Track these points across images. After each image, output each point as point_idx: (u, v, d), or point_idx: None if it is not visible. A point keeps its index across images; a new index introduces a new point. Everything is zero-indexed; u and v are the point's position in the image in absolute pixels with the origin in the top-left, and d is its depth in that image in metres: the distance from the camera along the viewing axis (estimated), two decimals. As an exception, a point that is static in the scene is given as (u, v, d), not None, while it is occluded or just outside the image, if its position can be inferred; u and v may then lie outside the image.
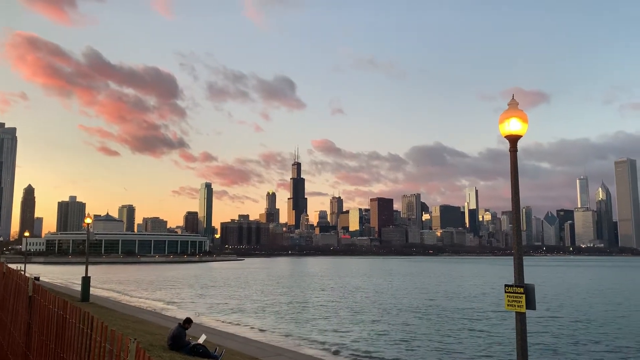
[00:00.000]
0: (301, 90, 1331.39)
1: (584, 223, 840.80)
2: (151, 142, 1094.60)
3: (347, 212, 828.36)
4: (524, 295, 10.93)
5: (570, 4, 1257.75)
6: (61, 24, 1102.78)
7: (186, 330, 19.57)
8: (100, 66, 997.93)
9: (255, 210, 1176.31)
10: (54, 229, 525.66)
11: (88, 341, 7.31)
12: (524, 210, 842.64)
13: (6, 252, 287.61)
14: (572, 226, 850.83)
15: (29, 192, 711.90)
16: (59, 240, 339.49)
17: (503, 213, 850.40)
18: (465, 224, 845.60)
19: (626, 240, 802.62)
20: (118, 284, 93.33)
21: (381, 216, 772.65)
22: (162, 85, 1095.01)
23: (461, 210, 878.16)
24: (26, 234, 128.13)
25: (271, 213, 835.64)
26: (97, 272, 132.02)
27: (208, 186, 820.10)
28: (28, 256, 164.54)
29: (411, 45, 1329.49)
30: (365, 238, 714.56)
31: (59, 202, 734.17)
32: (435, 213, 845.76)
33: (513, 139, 11.77)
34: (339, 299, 64.65)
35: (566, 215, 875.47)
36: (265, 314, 48.61)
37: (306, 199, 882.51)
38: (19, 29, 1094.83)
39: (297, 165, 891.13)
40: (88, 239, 58.46)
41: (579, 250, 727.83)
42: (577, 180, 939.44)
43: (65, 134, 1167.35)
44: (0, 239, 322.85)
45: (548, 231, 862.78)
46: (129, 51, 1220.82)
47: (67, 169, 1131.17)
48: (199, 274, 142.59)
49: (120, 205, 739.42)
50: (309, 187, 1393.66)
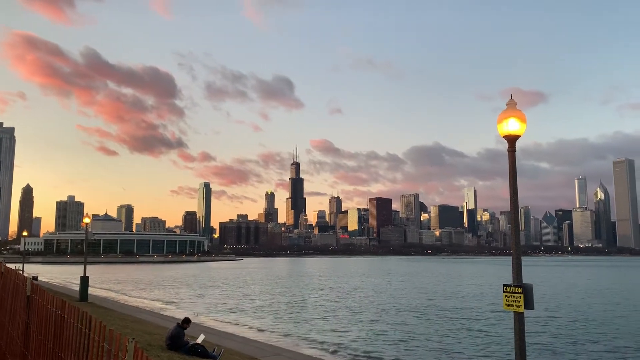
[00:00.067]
0: (300, 90, 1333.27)
1: (582, 223, 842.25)
2: (150, 142, 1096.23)
3: (346, 212, 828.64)
4: (522, 295, 10.93)
5: (569, 4, 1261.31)
6: (60, 24, 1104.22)
7: (185, 330, 19.55)
8: (99, 66, 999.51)
9: (254, 210, 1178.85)
10: (52, 229, 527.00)
11: (86, 341, 7.31)
12: (522, 210, 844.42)
13: (4, 252, 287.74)
14: (571, 226, 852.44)
15: (27, 192, 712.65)
16: (57, 240, 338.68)
17: (501, 213, 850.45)
18: (463, 223, 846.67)
19: (624, 240, 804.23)
20: (116, 284, 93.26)
21: (380, 216, 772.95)
22: (161, 85, 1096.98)
23: (460, 210, 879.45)
24: (24, 233, 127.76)
25: (270, 213, 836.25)
26: (96, 272, 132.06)
27: (207, 186, 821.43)
28: (26, 256, 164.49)
29: (410, 46, 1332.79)
30: (363, 238, 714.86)
31: (57, 202, 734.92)
32: (434, 213, 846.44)
33: (511, 139, 11.75)
34: (337, 299, 64.65)
35: (564, 215, 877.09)
36: (263, 314, 48.60)
37: (305, 198, 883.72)
38: (18, 29, 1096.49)
39: (296, 165, 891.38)
40: (86, 238, 58.37)
41: (577, 250, 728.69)
42: (576, 180, 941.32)
43: (63, 133, 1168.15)
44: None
45: (546, 231, 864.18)
46: (127, 51, 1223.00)
47: (66, 169, 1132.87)
48: (198, 273, 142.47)
49: (119, 205, 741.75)
50: (307, 187, 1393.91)
